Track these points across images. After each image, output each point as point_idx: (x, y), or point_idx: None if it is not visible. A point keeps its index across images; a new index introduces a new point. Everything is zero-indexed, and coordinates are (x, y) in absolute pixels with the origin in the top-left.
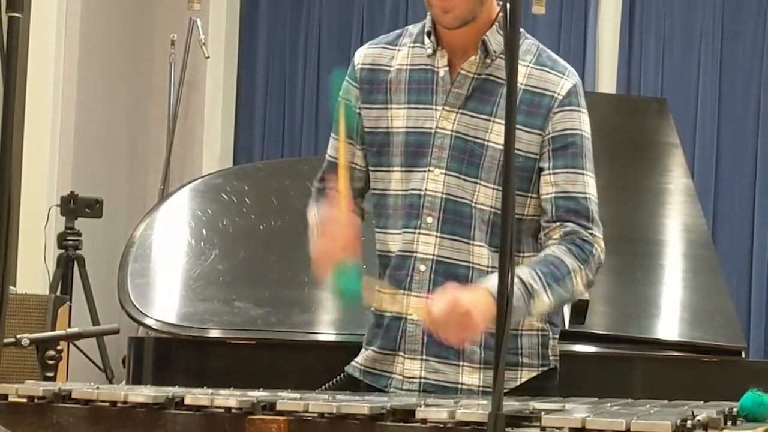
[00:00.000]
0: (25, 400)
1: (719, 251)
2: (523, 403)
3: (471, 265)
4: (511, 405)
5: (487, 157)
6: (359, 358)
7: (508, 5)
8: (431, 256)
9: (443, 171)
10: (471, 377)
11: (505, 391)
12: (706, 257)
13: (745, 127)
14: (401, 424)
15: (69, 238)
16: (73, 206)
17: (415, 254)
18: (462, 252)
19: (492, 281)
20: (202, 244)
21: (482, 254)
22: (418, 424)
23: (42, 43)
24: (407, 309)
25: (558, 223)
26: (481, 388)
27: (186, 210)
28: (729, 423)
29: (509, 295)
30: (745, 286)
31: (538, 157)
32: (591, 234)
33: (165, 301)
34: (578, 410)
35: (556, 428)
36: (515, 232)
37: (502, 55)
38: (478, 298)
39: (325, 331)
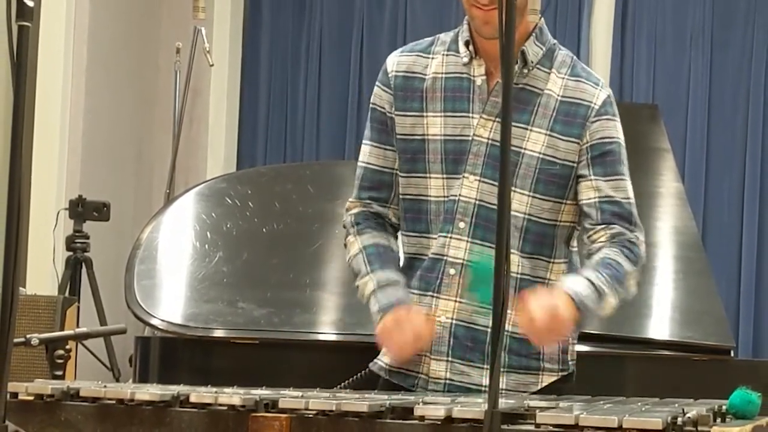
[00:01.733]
0: (34, 398)
1: (709, 253)
2: (518, 401)
3: None
4: (506, 402)
5: (523, 165)
6: (385, 358)
7: (503, 12)
8: (461, 261)
9: (477, 178)
10: None
11: (525, 393)
12: (696, 259)
13: (734, 132)
14: (400, 421)
15: (77, 240)
16: (81, 210)
17: (445, 258)
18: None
19: (570, 284)
20: (206, 246)
21: (513, 261)
22: (416, 421)
23: (51, 52)
24: (435, 311)
25: (603, 226)
26: (504, 391)
27: (191, 213)
28: (718, 420)
29: (505, 295)
30: (734, 288)
31: (575, 165)
32: (636, 236)
33: (170, 302)
34: (572, 408)
35: (550, 425)
36: (549, 238)
37: (539, 66)
38: (566, 302)
39: (326, 331)
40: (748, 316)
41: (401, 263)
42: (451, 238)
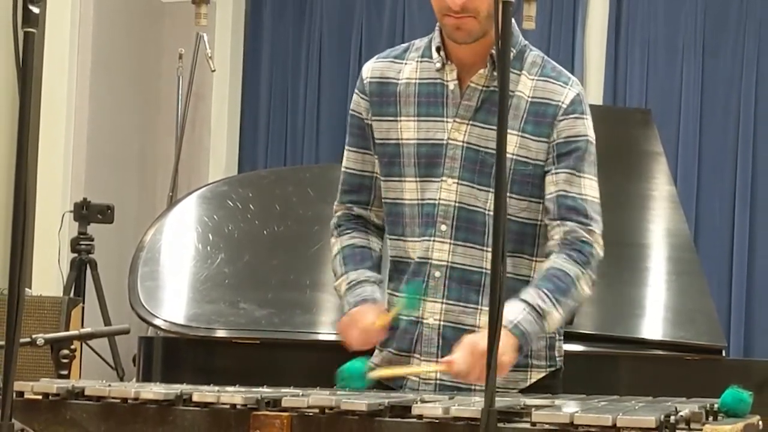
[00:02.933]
0: (40, 396)
1: (701, 255)
2: (515, 399)
3: (483, 270)
4: (503, 401)
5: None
6: (375, 359)
7: (499, 20)
8: (445, 263)
9: (456, 181)
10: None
11: (515, 390)
12: (688, 260)
13: (725, 136)
14: (398, 419)
15: (82, 242)
16: (86, 212)
17: (430, 261)
18: (475, 258)
19: (505, 314)
20: (208, 248)
21: None
22: (414, 420)
23: (56, 57)
24: (423, 313)
25: (558, 222)
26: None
27: (193, 216)
28: (710, 418)
29: (501, 297)
30: (726, 288)
31: (545, 164)
32: (590, 231)
33: (173, 303)
34: (567, 406)
35: (546, 423)
36: (530, 237)
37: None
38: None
39: (325, 332)
40: (740, 317)
41: (388, 266)
42: (434, 241)
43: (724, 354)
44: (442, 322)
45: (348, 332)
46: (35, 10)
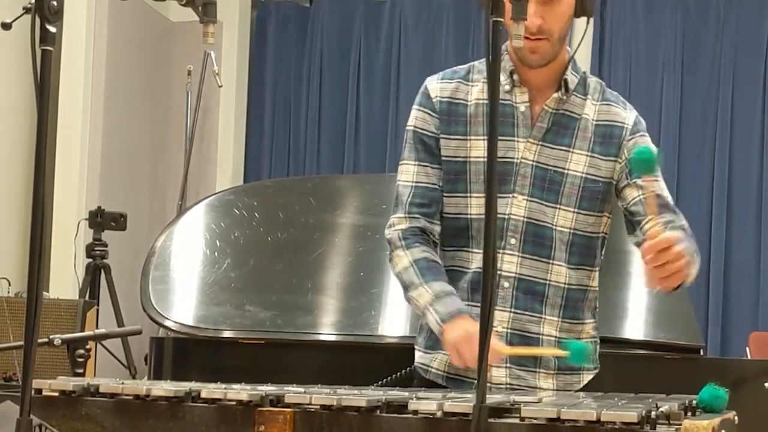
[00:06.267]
0: (57, 394)
1: None
2: (505, 396)
3: (548, 282)
4: (493, 398)
5: (567, 184)
6: (436, 364)
7: (489, 36)
8: (514, 274)
9: (526, 197)
10: (546, 381)
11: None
12: None
13: (703, 148)
14: (395, 415)
15: (96, 248)
16: (100, 220)
17: (499, 272)
18: (540, 270)
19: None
20: (216, 253)
21: (560, 272)
22: (410, 415)
23: (72, 74)
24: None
25: (651, 216)
26: (556, 391)
27: (201, 223)
28: (689, 414)
29: (492, 296)
30: (704, 291)
31: (614, 181)
32: (684, 222)
33: (183, 305)
34: (554, 403)
35: (534, 418)
36: (593, 249)
37: (575, 93)
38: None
39: (327, 332)
40: (716, 318)
41: None
42: (503, 253)
43: (701, 353)
44: (509, 330)
45: (465, 348)
46: (52, 29)
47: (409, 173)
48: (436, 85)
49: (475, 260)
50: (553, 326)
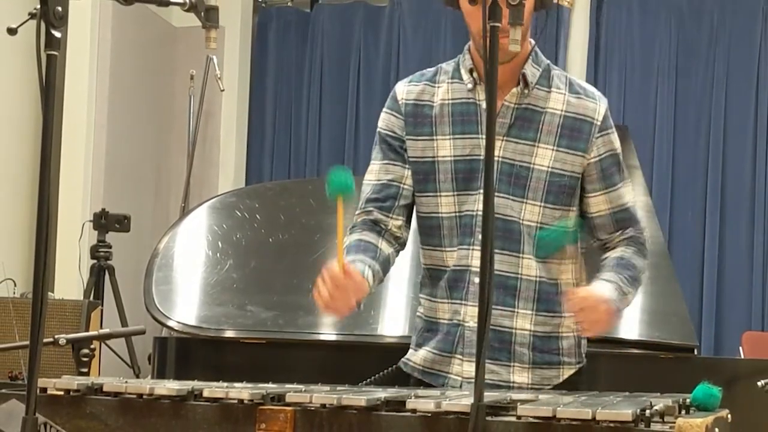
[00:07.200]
0: (62, 392)
1: (674, 261)
2: (502, 395)
3: (519, 276)
4: (491, 396)
5: (533, 179)
6: (416, 359)
7: (487, 39)
8: None
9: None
10: (521, 376)
11: (549, 387)
12: (663, 266)
13: (697, 151)
14: (393, 413)
15: (101, 250)
16: (104, 222)
17: (470, 268)
18: (511, 264)
19: (604, 291)
20: (218, 255)
21: (530, 266)
22: (408, 414)
23: (76, 78)
24: (464, 317)
25: (619, 232)
26: (530, 386)
27: (204, 225)
28: (683, 412)
29: (489, 292)
30: (697, 292)
31: (580, 175)
32: (644, 235)
33: (185, 306)
34: (550, 401)
35: (530, 417)
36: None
37: (538, 86)
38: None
39: (327, 332)
40: (710, 318)
41: (421, 274)
42: (472, 249)
43: (695, 353)
44: None
45: (323, 286)
46: (57, 34)
47: (372, 172)
48: (403, 88)
49: (449, 258)
50: (527, 320)
